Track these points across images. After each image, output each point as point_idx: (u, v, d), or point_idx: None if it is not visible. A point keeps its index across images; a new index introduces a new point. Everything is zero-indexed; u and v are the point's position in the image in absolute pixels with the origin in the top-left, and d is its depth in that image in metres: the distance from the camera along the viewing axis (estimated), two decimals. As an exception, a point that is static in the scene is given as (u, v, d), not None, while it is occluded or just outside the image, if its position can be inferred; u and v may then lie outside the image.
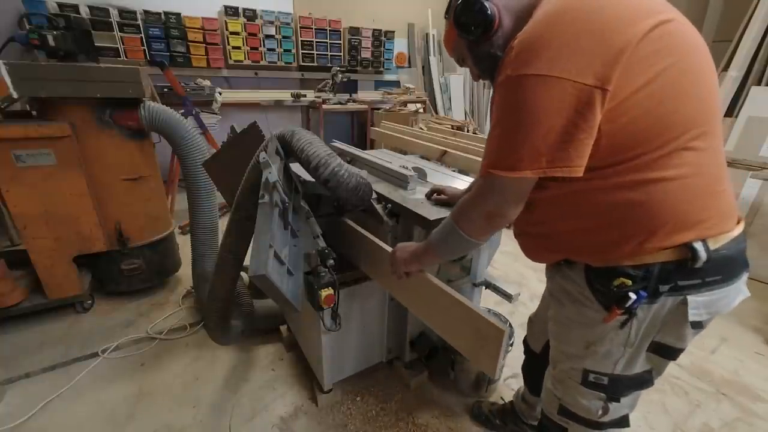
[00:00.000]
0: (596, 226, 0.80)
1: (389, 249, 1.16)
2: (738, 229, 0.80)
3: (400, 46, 5.99)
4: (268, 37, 4.71)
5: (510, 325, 1.67)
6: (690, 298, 0.78)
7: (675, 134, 0.70)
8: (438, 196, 1.37)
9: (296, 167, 1.38)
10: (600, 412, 0.95)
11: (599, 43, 0.66)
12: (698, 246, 0.73)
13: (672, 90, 0.69)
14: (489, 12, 0.80)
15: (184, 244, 2.42)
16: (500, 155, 0.76)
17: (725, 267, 0.78)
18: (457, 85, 5.71)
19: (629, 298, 0.78)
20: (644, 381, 0.92)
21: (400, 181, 1.54)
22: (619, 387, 0.92)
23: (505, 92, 0.73)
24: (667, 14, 0.70)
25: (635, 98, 0.67)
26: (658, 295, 0.79)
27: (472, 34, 0.84)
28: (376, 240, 1.23)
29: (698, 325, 0.82)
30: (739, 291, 0.83)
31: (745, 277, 0.83)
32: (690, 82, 0.71)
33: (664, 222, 0.74)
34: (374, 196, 1.35)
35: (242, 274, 1.65)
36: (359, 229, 1.33)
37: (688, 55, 0.71)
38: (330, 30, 5.12)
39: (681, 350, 0.87)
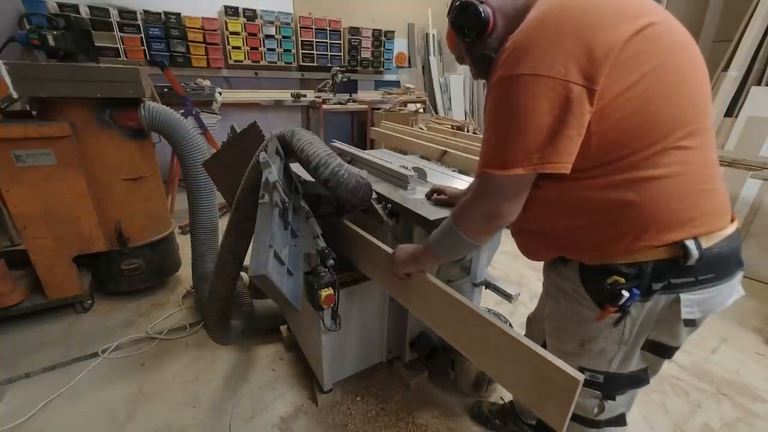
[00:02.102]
0: (589, 225, 0.81)
1: (389, 250, 1.15)
2: (731, 228, 0.80)
3: (400, 46, 5.99)
4: (268, 37, 4.71)
5: (510, 325, 1.67)
6: (683, 296, 0.79)
7: (664, 133, 0.71)
8: (438, 196, 1.37)
9: (296, 167, 1.38)
10: (596, 411, 0.96)
11: (587, 44, 0.67)
12: (690, 244, 0.74)
13: (661, 89, 0.70)
14: (483, 15, 0.82)
15: (184, 244, 2.42)
16: (493, 154, 0.77)
17: (718, 265, 0.79)
18: (457, 85, 5.71)
19: (622, 295, 0.78)
20: (640, 380, 0.93)
21: (400, 181, 1.53)
22: (614, 385, 0.93)
23: (498, 92, 0.75)
24: (655, 15, 0.71)
25: (624, 97, 0.69)
26: (651, 293, 0.79)
27: (468, 36, 0.86)
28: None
29: (691, 323, 0.83)
30: (733, 290, 0.84)
31: (739, 275, 0.84)
32: (679, 81, 0.72)
33: (655, 220, 0.74)
34: (374, 196, 1.34)
35: (242, 274, 1.65)
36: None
37: (677, 56, 0.72)
38: (330, 30, 5.12)
39: (676, 348, 0.88)
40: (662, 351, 0.88)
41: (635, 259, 0.78)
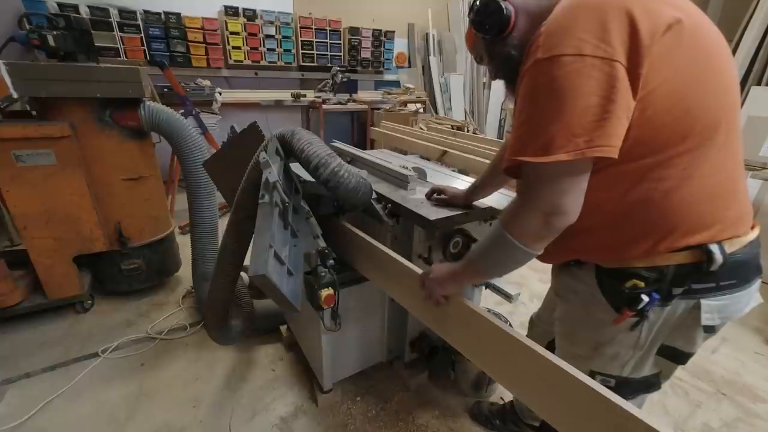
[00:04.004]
0: (613, 224, 0.78)
1: (418, 270, 1.02)
2: (753, 234, 0.79)
3: (400, 46, 5.99)
4: (268, 37, 4.71)
5: (510, 325, 1.67)
6: (703, 302, 0.77)
7: (696, 131, 0.69)
8: (438, 196, 1.37)
9: (296, 167, 1.38)
10: None
11: (631, 24, 0.64)
12: (714, 249, 0.73)
13: (694, 86, 0.68)
14: (505, 12, 0.81)
15: (184, 244, 2.42)
16: (528, 140, 0.70)
17: (740, 271, 0.77)
18: (457, 85, 5.71)
19: (641, 300, 0.77)
20: (651, 384, 0.92)
21: (400, 181, 1.53)
22: (625, 390, 0.90)
23: (535, 76, 0.69)
24: (687, 11, 0.70)
25: (660, 92, 0.67)
26: (671, 297, 0.78)
27: (488, 33, 0.85)
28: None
29: (711, 330, 0.81)
30: (751, 297, 0.82)
31: (758, 283, 0.82)
32: (711, 78, 0.70)
33: (681, 222, 0.73)
34: (374, 196, 1.34)
35: (242, 274, 1.65)
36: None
37: (710, 53, 0.71)
38: (330, 30, 5.13)
39: (690, 354, 0.86)
40: (677, 356, 0.87)
41: (655, 263, 0.76)
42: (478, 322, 0.87)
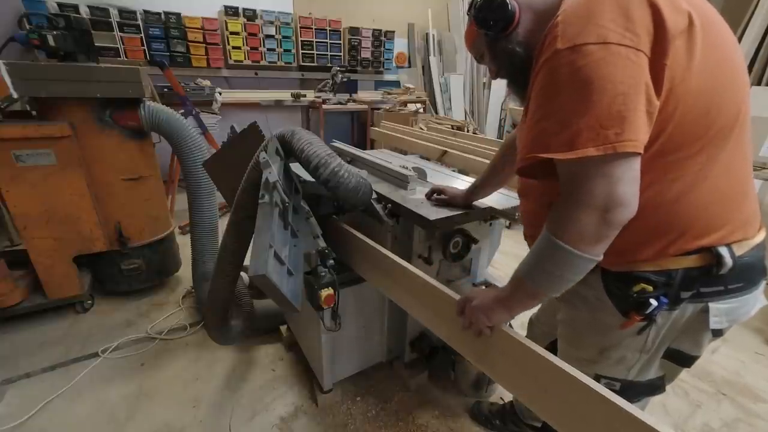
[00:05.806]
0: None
1: (455, 295, 0.92)
2: (760, 236, 0.78)
3: (400, 46, 5.99)
4: (268, 37, 4.71)
5: (510, 325, 1.67)
6: (711, 305, 0.77)
7: (711, 132, 0.68)
8: (438, 196, 1.37)
9: (296, 167, 1.38)
10: None
11: (654, 17, 0.62)
12: (724, 252, 0.72)
13: (713, 85, 0.67)
14: (509, 8, 0.79)
15: (184, 244, 2.42)
16: (547, 136, 0.66)
17: (747, 274, 0.77)
18: (457, 85, 5.70)
19: (649, 304, 0.76)
20: (656, 387, 0.92)
21: (400, 181, 1.53)
22: (630, 393, 0.89)
23: (555, 68, 0.65)
24: (703, 8, 0.68)
25: (681, 89, 0.64)
26: (679, 301, 0.77)
27: (492, 30, 0.82)
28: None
29: (719, 333, 0.81)
30: (757, 299, 0.82)
31: (763, 285, 0.81)
32: (721, 76, 0.68)
33: (692, 223, 0.72)
34: (374, 196, 1.34)
35: (242, 274, 1.65)
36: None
37: (722, 45, 0.69)
38: (330, 30, 5.13)
39: (696, 357, 0.86)
40: (682, 359, 0.87)
41: (662, 266, 0.75)
42: (528, 358, 0.76)
